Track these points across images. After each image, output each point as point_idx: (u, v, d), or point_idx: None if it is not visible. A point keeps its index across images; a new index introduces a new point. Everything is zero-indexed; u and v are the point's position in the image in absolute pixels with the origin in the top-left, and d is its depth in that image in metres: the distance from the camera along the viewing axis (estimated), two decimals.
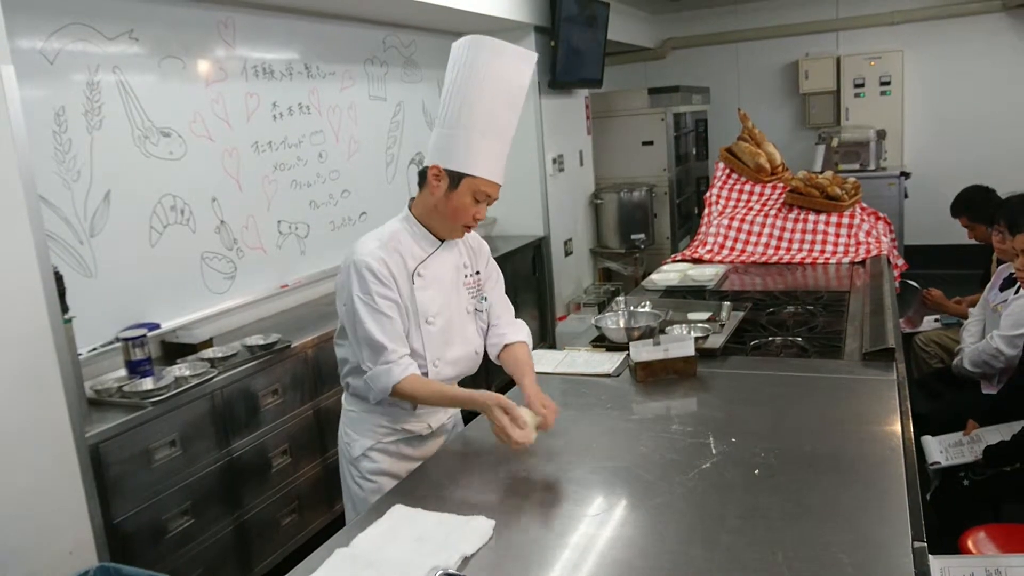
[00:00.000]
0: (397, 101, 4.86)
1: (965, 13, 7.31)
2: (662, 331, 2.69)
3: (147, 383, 2.70)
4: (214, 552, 2.84)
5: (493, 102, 1.92)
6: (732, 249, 4.21)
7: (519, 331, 2.20)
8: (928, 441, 2.81)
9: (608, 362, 2.57)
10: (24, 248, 2.20)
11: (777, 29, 7.99)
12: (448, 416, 2.23)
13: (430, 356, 2.03)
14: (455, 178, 1.94)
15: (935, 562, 1.44)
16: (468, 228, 2.04)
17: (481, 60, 1.90)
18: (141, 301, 3.15)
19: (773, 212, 4.28)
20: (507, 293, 2.27)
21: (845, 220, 4.11)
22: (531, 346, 2.23)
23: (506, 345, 2.16)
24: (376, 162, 4.68)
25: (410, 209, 2.06)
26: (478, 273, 2.16)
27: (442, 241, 2.06)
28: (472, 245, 2.17)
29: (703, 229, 4.44)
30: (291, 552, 3.17)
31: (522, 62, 1.97)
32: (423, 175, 2.01)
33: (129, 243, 3.10)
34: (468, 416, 2.27)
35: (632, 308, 2.96)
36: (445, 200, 1.96)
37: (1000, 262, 3.53)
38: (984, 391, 3.18)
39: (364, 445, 2.09)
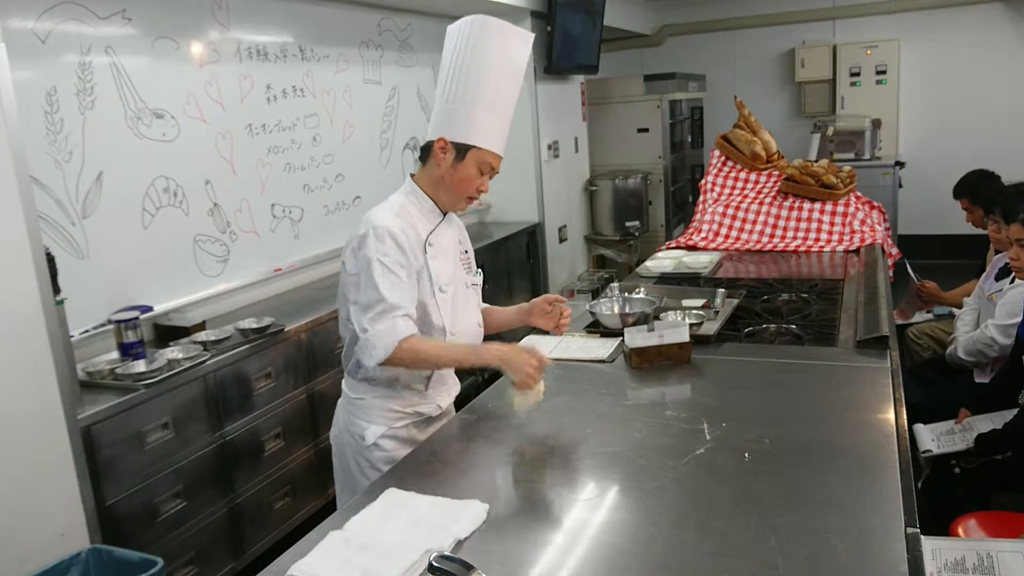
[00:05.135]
0: (392, 85, 4.83)
1: (962, 3, 7.29)
2: (656, 317, 2.69)
3: (139, 365, 2.69)
4: (206, 535, 2.84)
5: (498, 78, 2.00)
6: (727, 237, 4.21)
7: None
8: (920, 429, 2.82)
9: (602, 348, 2.57)
10: (16, 229, 2.18)
11: (774, 17, 7.96)
12: (452, 397, 2.24)
13: (448, 324, 2.06)
14: (461, 150, 2.00)
15: (927, 543, 1.45)
16: (471, 200, 2.09)
17: (486, 39, 1.98)
18: (134, 283, 3.13)
19: (768, 200, 4.27)
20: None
21: (840, 208, 4.11)
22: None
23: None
24: (370, 146, 4.66)
25: (415, 183, 2.09)
26: (467, 252, 2.23)
27: (444, 214, 2.11)
28: (459, 226, 2.25)
29: (698, 216, 4.44)
30: (284, 535, 3.17)
31: (522, 42, 2.06)
32: (426, 149, 2.06)
33: (122, 225, 3.08)
34: (459, 403, 2.27)
35: (626, 295, 2.95)
36: (452, 171, 2.02)
37: (996, 251, 3.54)
38: (976, 379, 3.20)
39: (376, 432, 2.06)
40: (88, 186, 2.95)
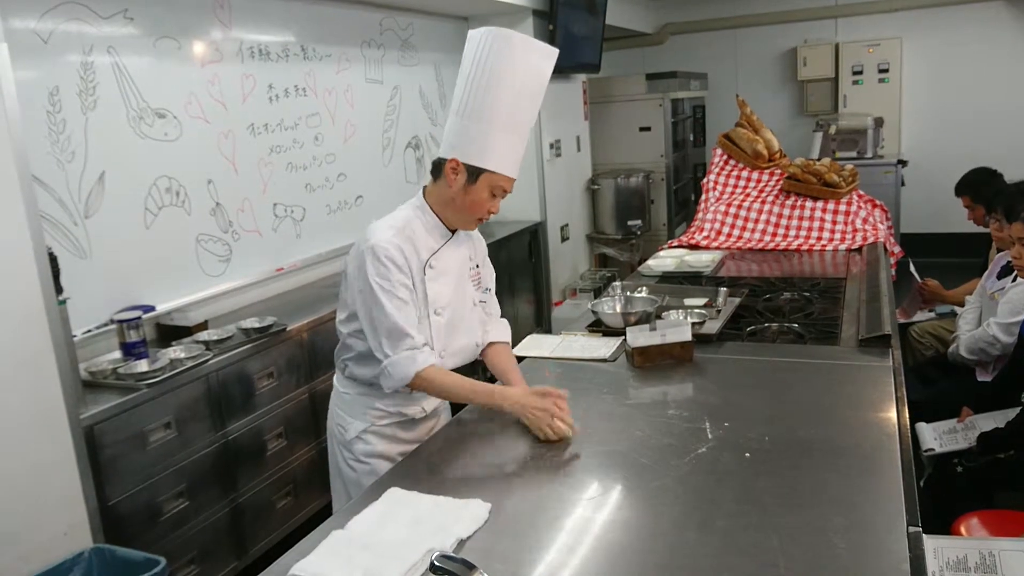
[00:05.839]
0: (394, 85, 4.83)
1: (964, 1, 7.28)
2: (659, 316, 2.69)
3: (142, 365, 2.69)
4: (209, 534, 2.84)
5: (518, 97, 1.92)
6: (729, 235, 4.21)
7: (503, 331, 2.24)
8: (922, 428, 2.81)
9: (604, 347, 2.56)
10: (18, 229, 2.18)
11: (776, 15, 7.95)
12: (438, 400, 2.22)
13: (437, 347, 2.04)
14: (474, 173, 1.93)
15: (929, 542, 1.45)
16: (481, 220, 2.05)
17: (509, 55, 1.89)
18: (136, 283, 3.13)
19: (770, 199, 4.27)
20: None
21: (842, 207, 4.11)
22: (511, 347, 2.28)
23: (490, 343, 2.20)
24: (372, 146, 4.66)
25: (425, 198, 2.05)
26: (478, 267, 2.18)
27: (453, 232, 2.06)
28: (475, 238, 2.19)
29: (700, 215, 4.43)
30: (286, 535, 3.17)
31: (546, 58, 1.97)
32: (438, 166, 2.00)
33: (124, 224, 3.08)
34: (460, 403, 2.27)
35: (628, 293, 2.95)
36: (463, 193, 1.96)
37: (999, 250, 3.53)
38: (979, 378, 3.19)
39: (358, 428, 2.09)
40: (90, 186, 2.95)
